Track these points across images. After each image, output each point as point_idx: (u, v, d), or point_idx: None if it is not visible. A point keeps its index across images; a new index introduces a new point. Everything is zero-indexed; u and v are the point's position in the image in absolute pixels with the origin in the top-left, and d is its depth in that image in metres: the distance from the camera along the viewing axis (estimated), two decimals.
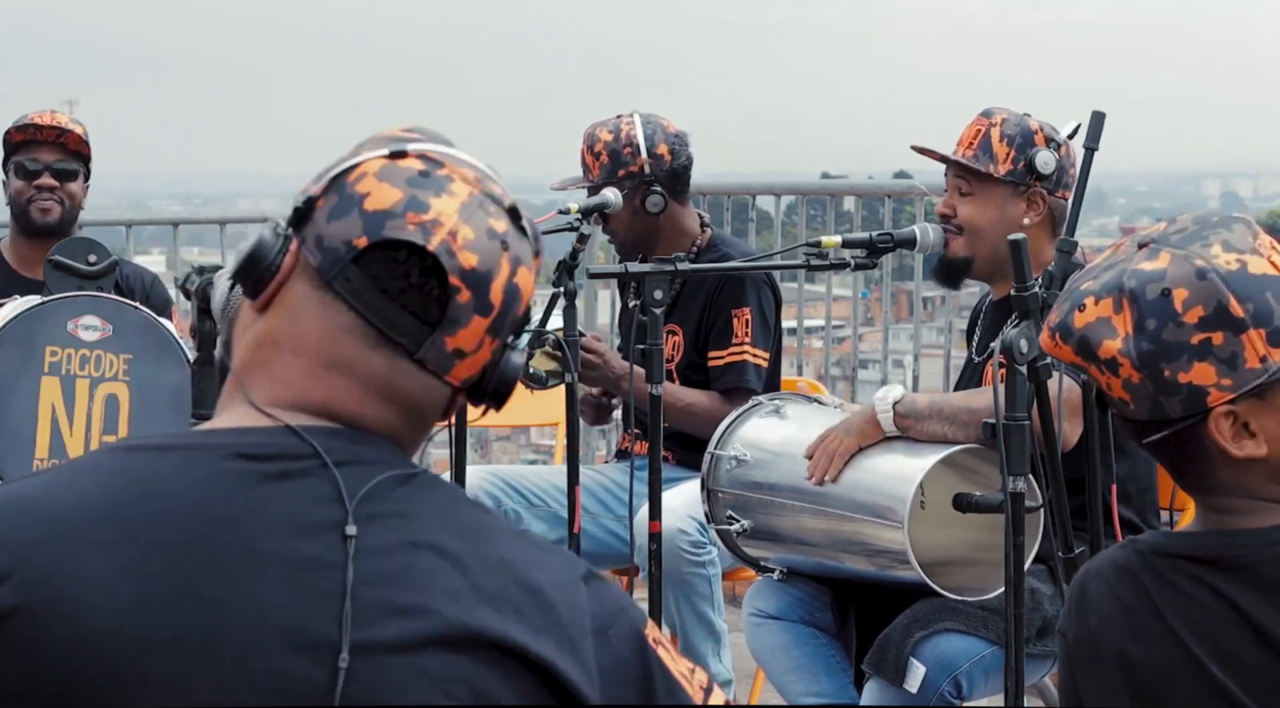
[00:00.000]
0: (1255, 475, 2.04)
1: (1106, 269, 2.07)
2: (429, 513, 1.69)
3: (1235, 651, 2.00)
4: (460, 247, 1.71)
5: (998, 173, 3.99)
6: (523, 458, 26.70)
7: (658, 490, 3.98)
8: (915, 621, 3.76)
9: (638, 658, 1.70)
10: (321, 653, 1.59)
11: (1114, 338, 2.02)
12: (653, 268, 3.94)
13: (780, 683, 4.15)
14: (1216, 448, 2.03)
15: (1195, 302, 2.00)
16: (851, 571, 3.93)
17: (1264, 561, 2.01)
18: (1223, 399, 2.00)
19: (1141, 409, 2.04)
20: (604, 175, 4.81)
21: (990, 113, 4.07)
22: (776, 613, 4.11)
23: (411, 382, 1.74)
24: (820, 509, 3.84)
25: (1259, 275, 2.01)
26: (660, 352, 3.94)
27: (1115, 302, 2.03)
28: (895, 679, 3.73)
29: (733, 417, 4.13)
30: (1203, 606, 2.03)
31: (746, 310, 4.80)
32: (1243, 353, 1.99)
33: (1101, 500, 3.32)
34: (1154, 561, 2.08)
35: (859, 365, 7.99)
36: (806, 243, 4.10)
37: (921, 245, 4.00)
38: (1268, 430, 2.02)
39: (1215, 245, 2.02)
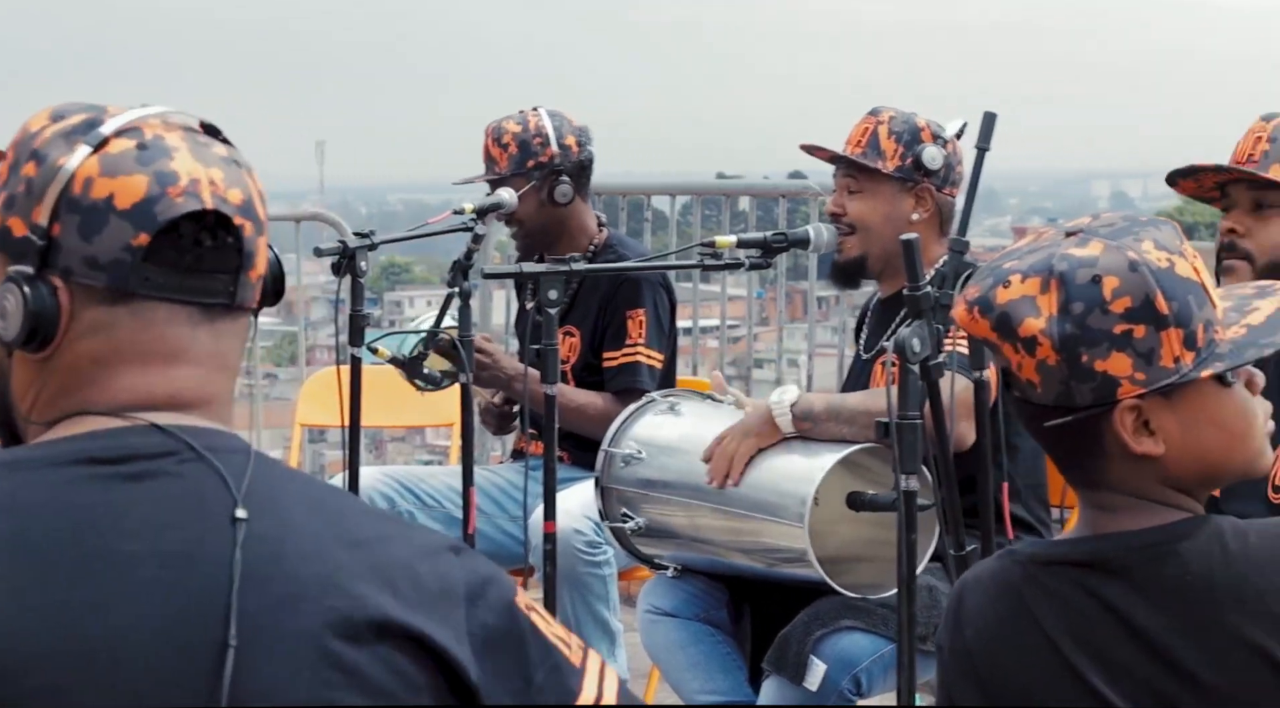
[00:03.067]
0: (1146, 475, 2.05)
1: (1032, 251, 2.06)
2: (290, 497, 1.68)
3: (1115, 656, 2.01)
4: (224, 190, 1.70)
5: (886, 169, 4.03)
6: (418, 459, 26.67)
7: (552, 491, 3.98)
8: (815, 619, 3.78)
9: (510, 623, 1.69)
10: (203, 649, 1.58)
11: (1037, 317, 2.02)
12: (548, 268, 3.94)
13: (675, 681, 4.15)
14: (1115, 442, 2.03)
15: (1125, 292, 2.00)
16: (748, 568, 3.95)
17: (1140, 561, 2.02)
18: (1133, 393, 2.01)
19: (1049, 393, 2.04)
20: (512, 166, 4.82)
21: (878, 111, 4.11)
22: (672, 610, 4.11)
23: (232, 336, 1.74)
24: (718, 507, 3.85)
25: (1184, 278, 2.02)
26: (555, 352, 3.94)
27: (1043, 281, 2.02)
28: (795, 677, 3.74)
29: (627, 413, 4.14)
30: (1080, 611, 2.04)
31: (641, 312, 4.81)
32: (1160, 350, 2.00)
33: (993, 499, 3.35)
34: (1032, 569, 2.09)
35: (754, 365, 8.00)
36: (701, 243, 4.12)
37: (815, 245, 4.02)
38: (1167, 431, 2.03)
39: (1147, 241, 2.03)
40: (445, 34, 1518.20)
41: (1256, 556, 1.98)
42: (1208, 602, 1.98)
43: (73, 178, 1.67)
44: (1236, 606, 1.97)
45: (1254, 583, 1.97)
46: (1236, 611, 1.97)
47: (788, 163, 23.18)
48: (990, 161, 3.50)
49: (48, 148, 1.70)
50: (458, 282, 4.30)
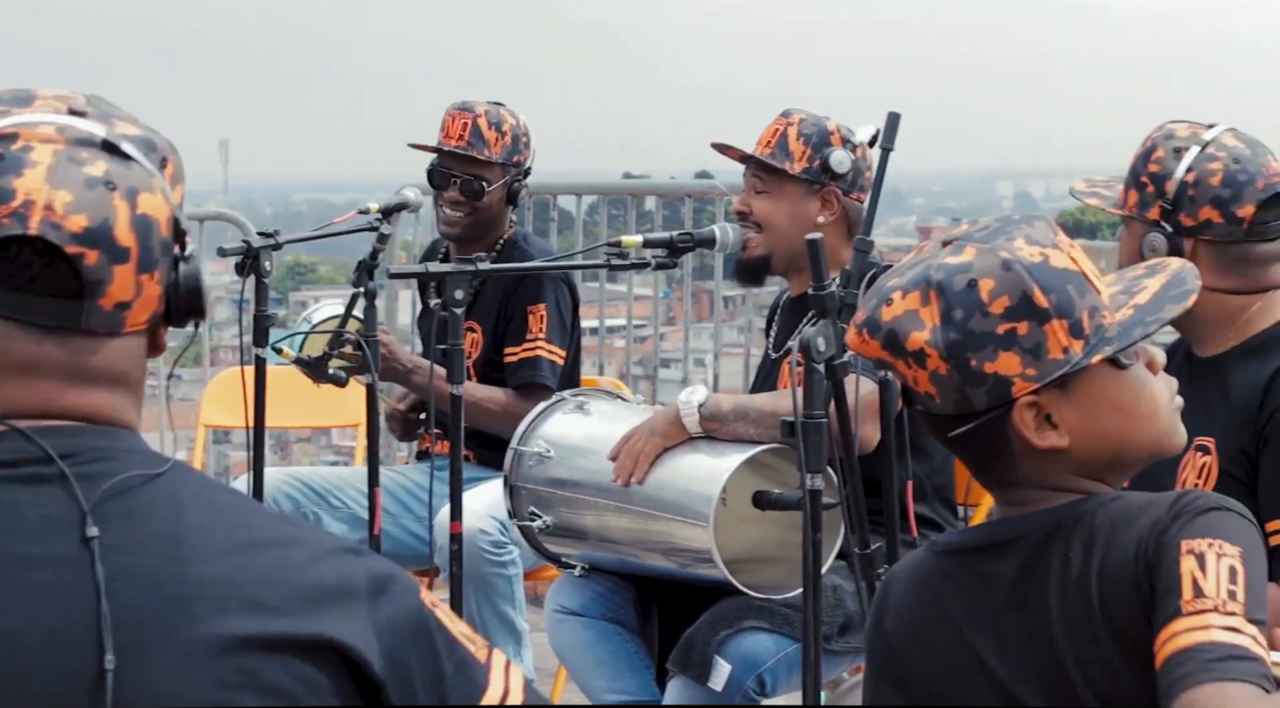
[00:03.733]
0: (1056, 467, 2.06)
1: (912, 266, 2.09)
2: (182, 503, 1.66)
3: (1010, 638, 2.04)
4: (63, 215, 1.64)
5: (793, 170, 4.05)
6: (323, 460, 26.49)
7: (458, 491, 3.97)
8: (720, 619, 3.79)
9: (414, 619, 1.68)
10: (85, 656, 1.57)
11: (921, 330, 2.04)
12: (454, 268, 3.94)
13: (582, 680, 4.15)
14: (1020, 440, 2.05)
15: (1001, 291, 2.02)
16: (655, 568, 3.95)
17: (1030, 541, 2.04)
18: (1027, 389, 2.02)
19: (948, 402, 2.06)
20: (504, 155, 4.90)
21: (789, 113, 4.13)
22: (579, 610, 4.11)
23: (99, 354, 1.69)
24: (625, 507, 3.85)
25: (1060, 269, 2.04)
26: (461, 352, 3.94)
27: (922, 294, 2.04)
28: (700, 678, 3.75)
29: (536, 412, 4.13)
30: (980, 596, 2.07)
31: (542, 307, 4.83)
32: (1046, 343, 2.02)
33: (898, 498, 3.36)
34: (943, 559, 2.12)
35: (660, 364, 8.02)
36: (608, 242, 4.12)
37: (721, 245, 4.03)
38: (1069, 422, 2.04)
39: (1019, 239, 2.05)
40: (352, 32, 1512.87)
41: (1118, 524, 1.99)
42: (1083, 577, 1.99)
43: None
44: (1106, 578, 1.98)
45: (1115, 552, 1.98)
46: (1100, 585, 1.98)
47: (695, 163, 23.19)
48: (895, 162, 3.52)
49: None
50: (363, 281, 4.29)
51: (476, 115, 4.90)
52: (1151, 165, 3.24)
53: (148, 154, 1.72)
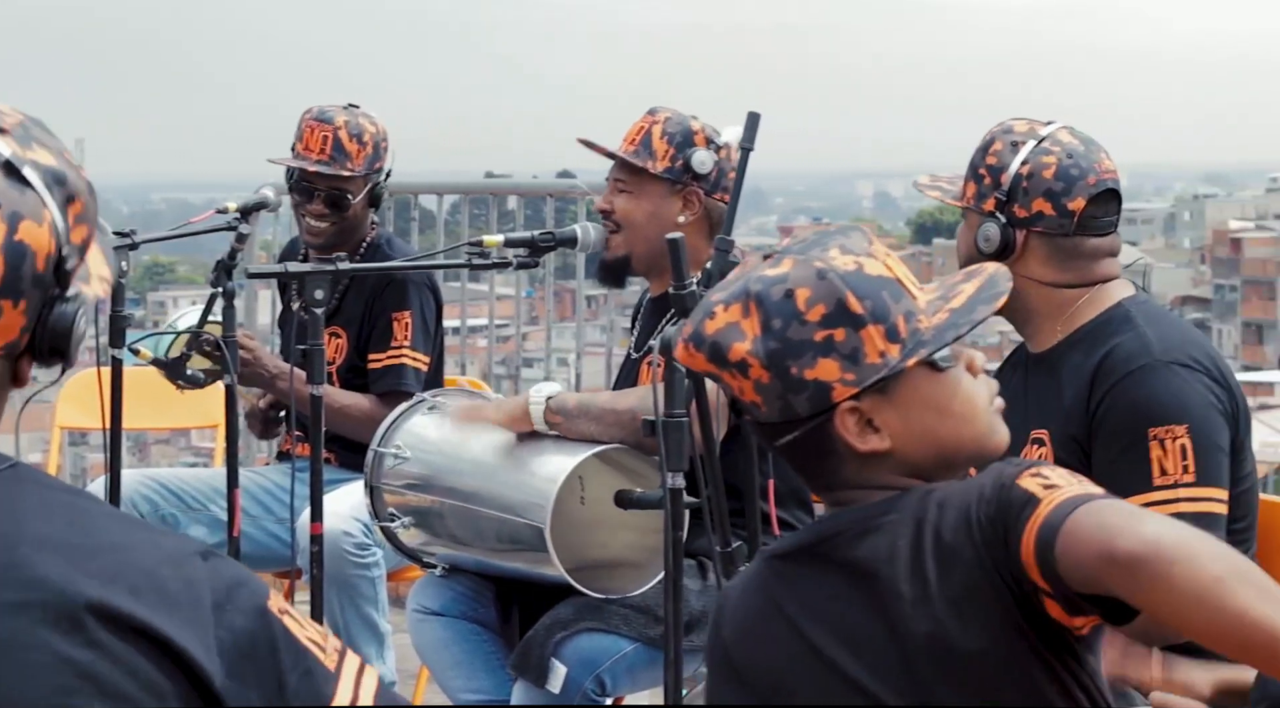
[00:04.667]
0: (881, 469, 2.11)
1: (734, 281, 2.14)
2: (26, 507, 1.65)
3: (852, 632, 2.06)
4: None
5: (655, 169, 4.05)
6: (182, 461, 26.31)
7: (319, 492, 3.95)
8: (556, 622, 3.80)
9: (261, 629, 1.67)
10: None
11: (743, 340, 2.09)
12: (313, 268, 3.92)
13: (442, 680, 4.15)
14: (844, 444, 2.10)
15: (817, 300, 2.07)
16: (506, 568, 3.96)
17: (858, 533, 2.08)
18: (847, 394, 2.08)
19: (772, 411, 2.11)
20: (366, 165, 4.84)
21: (655, 111, 4.13)
22: (440, 609, 4.10)
23: None
24: (474, 508, 3.86)
25: (875, 276, 2.10)
26: (321, 352, 3.91)
27: (743, 306, 2.10)
28: (538, 680, 3.76)
29: (396, 413, 4.12)
30: (815, 593, 2.10)
31: (407, 314, 4.80)
32: (864, 348, 2.07)
33: (758, 498, 3.38)
34: (775, 563, 2.16)
35: (523, 364, 8.00)
36: (469, 242, 4.12)
37: (583, 244, 4.03)
38: (891, 425, 2.10)
39: (833, 249, 2.11)
40: (212, 28, 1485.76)
41: (944, 504, 2.04)
42: (916, 559, 2.03)
43: None
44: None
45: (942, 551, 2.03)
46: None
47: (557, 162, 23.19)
48: (757, 162, 3.53)
49: None
50: (222, 281, 4.25)
51: (336, 128, 4.80)
52: (989, 158, 3.34)
53: (52, 186, 1.70)
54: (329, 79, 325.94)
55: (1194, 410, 3.18)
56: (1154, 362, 3.19)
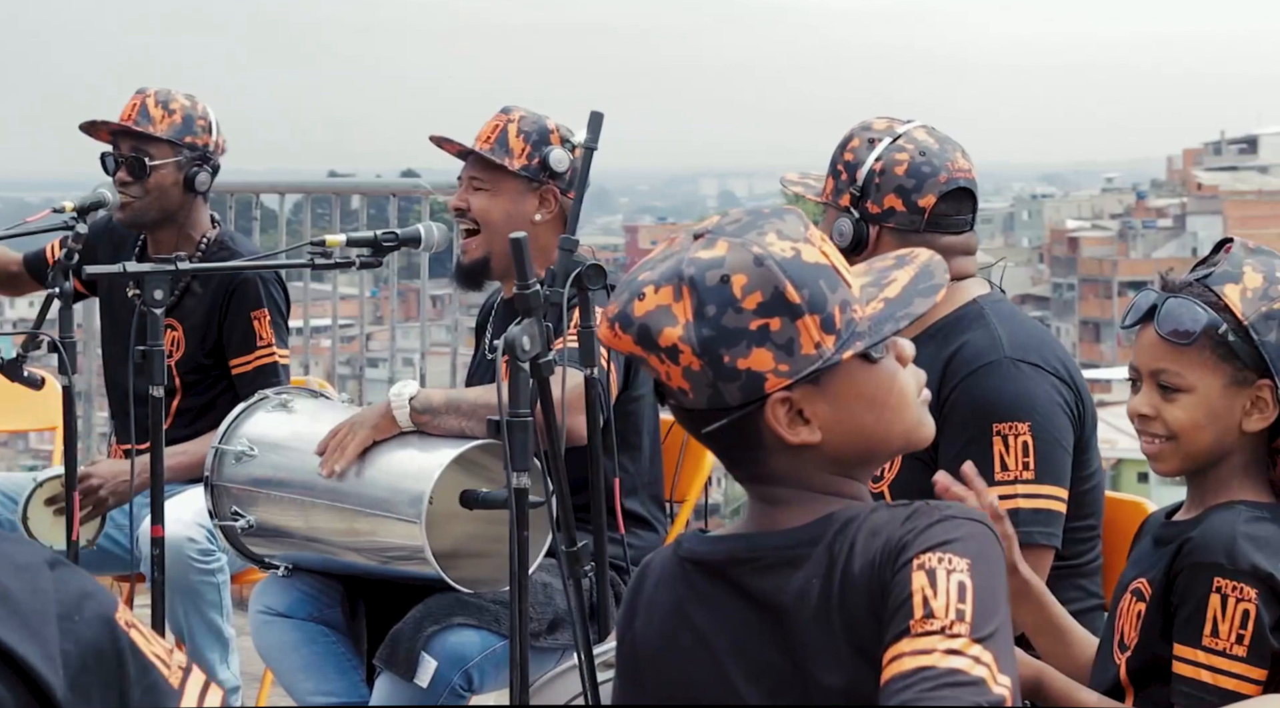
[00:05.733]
0: (809, 463, 2.04)
1: (663, 260, 2.05)
2: None
3: (756, 659, 2.02)
4: None
5: (512, 166, 4.05)
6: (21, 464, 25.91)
7: (160, 494, 3.90)
8: (428, 615, 3.78)
9: (107, 642, 1.65)
10: None
11: (674, 325, 2.01)
12: (153, 268, 3.87)
13: (288, 682, 4.11)
14: (772, 435, 2.02)
15: (754, 287, 1.99)
16: (359, 566, 3.93)
17: (781, 560, 2.02)
18: (780, 385, 2.00)
19: (701, 398, 2.03)
20: (172, 133, 4.75)
21: (509, 110, 4.13)
22: (285, 611, 4.06)
23: None
24: (333, 505, 3.82)
25: (812, 264, 2.02)
26: (161, 353, 3.86)
27: (675, 289, 2.01)
28: (406, 674, 3.73)
29: (238, 411, 4.08)
30: (730, 617, 2.04)
31: (265, 312, 4.74)
32: (799, 339, 2.00)
33: (604, 494, 3.39)
34: (690, 569, 2.09)
35: (368, 364, 7.97)
36: (312, 242, 4.09)
37: (426, 244, 4.02)
38: (821, 417, 2.02)
39: (770, 234, 2.02)
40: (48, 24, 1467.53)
41: (858, 543, 1.98)
42: (825, 599, 1.98)
43: None
44: (843, 609, 1.97)
45: (858, 588, 1.97)
46: (843, 613, 1.97)
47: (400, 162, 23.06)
48: (600, 161, 3.54)
49: None
50: (59, 282, 4.19)
51: (146, 96, 4.79)
52: (846, 154, 3.38)
53: None
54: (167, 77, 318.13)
55: (1038, 409, 3.23)
56: (1002, 359, 3.24)
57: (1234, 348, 2.70)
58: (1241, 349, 2.70)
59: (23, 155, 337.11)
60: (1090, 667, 2.82)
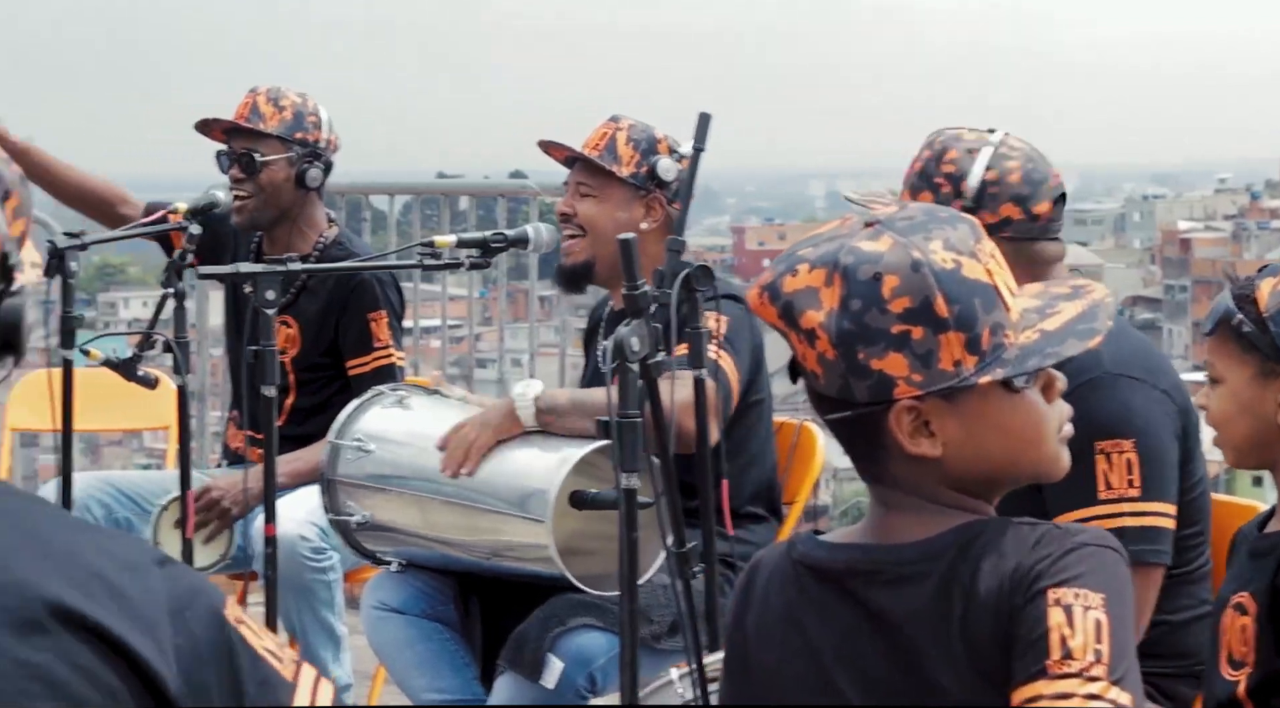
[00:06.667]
0: (926, 475, 2.01)
1: (829, 240, 2.02)
2: None
3: (868, 670, 1.99)
4: None
5: (621, 173, 4.05)
6: (136, 463, 26.16)
7: (272, 492, 3.93)
8: (552, 616, 3.78)
9: (218, 637, 1.66)
10: None
11: (818, 310, 1.98)
12: (265, 268, 3.90)
13: (402, 679, 4.12)
14: (893, 440, 1.99)
15: (903, 292, 1.95)
16: (475, 564, 3.93)
17: (903, 575, 1.99)
18: (909, 394, 1.96)
19: (830, 386, 2.00)
20: (282, 129, 4.78)
21: (618, 118, 4.14)
22: (399, 607, 4.08)
23: None
24: (452, 502, 3.83)
25: (971, 280, 1.97)
26: (273, 353, 3.90)
27: (828, 274, 1.98)
28: (532, 675, 3.74)
29: (353, 406, 4.09)
30: (845, 629, 2.01)
31: (383, 314, 4.77)
32: (938, 353, 1.95)
33: (713, 496, 3.38)
34: (803, 573, 2.06)
35: (477, 364, 8.00)
36: (421, 242, 4.11)
37: (535, 245, 4.03)
38: (948, 434, 1.98)
39: (936, 241, 1.98)
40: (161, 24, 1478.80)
41: (984, 564, 1.95)
42: (947, 623, 1.94)
43: None
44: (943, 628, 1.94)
45: (976, 606, 1.94)
46: (940, 635, 1.94)
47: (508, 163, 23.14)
48: (708, 162, 3.54)
49: None
50: (172, 282, 4.23)
51: (257, 94, 4.83)
52: (945, 166, 3.29)
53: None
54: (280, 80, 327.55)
55: (1142, 424, 3.17)
56: (1104, 374, 3.17)
57: (1252, 339, 2.69)
58: (1260, 340, 2.69)
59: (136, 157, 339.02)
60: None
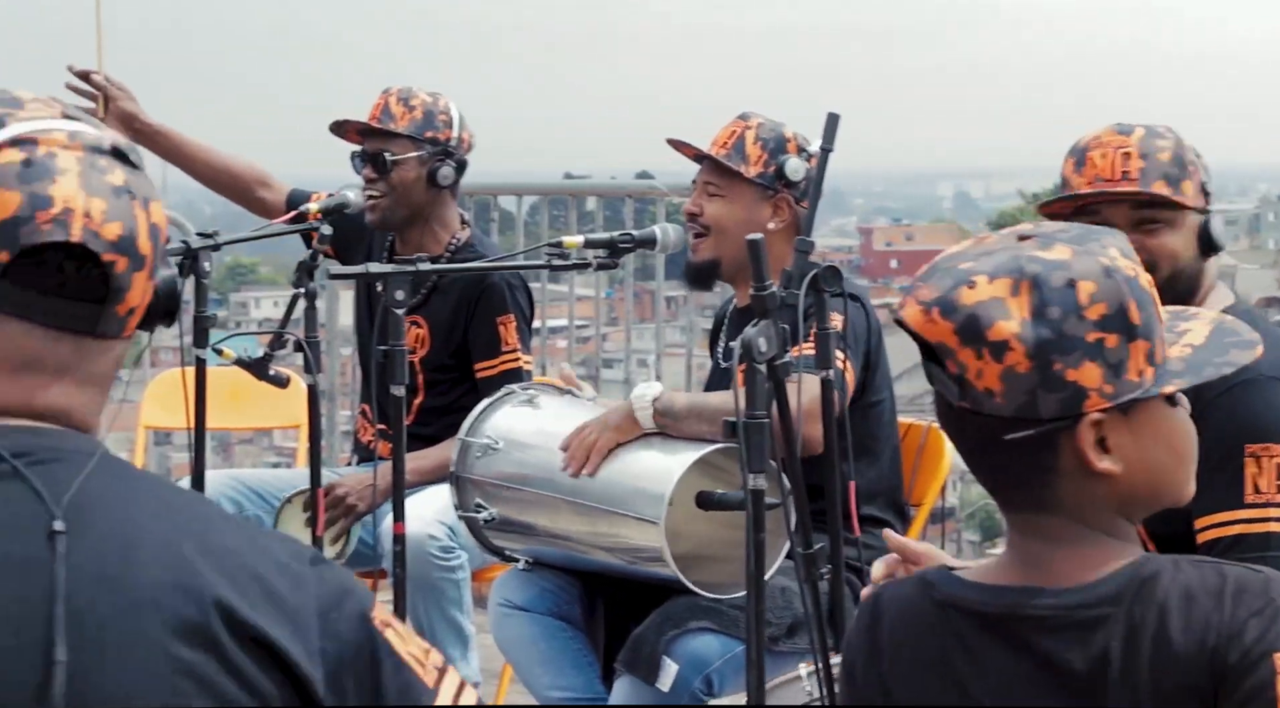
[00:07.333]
0: (1097, 496, 1.94)
1: (986, 254, 1.94)
2: (142, 502, 1.66)
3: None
4: (100, 224, 1.67)
5: (748, 173, 4.04)
6: (265, 461, 26.43)
7: (400, 490, 3.96)
8: (668, 619, 3.78)
9: (364, 640, 1.67)
10: (35, 657, 1.55)
11: (1009, 320, 1.89)
12: (394, 269, 3.92)
13: (527, 676, 4.15)
14: (1073, 458, 1.92)
15: (1101, 298, 1.90)
16: (603, 564, 3.95)
17: (1057, 628, 1.92)
18: (1099, 406, 1.90)
19: (1011, 404, 1.91)
20: (412, 128, 4.81)
21: (747, 116, 4.12)
22: (525, 605, 4.10)
23: (99, 356, 1.72)
24: (575, 502, 3.85)
25: (1146, 290, 1.94)
26: (403, 353, 3.92)
27: (1014, 284, 1.90)
28: (648, 677, 3.75)
29: (484, 405, 4.12)
30: (1002, 669, 1.94)
31: (510, 317, 4.79)
32: (1128, 363, 1.91)
33: (840, 498, 3.37)
34: (954, 617, 1.98)
35: (603, 365, 8.01)
36: (549, 243, 4.12)
37: (662, 246, 4.03)
38: (1123, 449, 1.93)
39: (1113, 249, 1.94)
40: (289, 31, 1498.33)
41: (1169, 610, 1.89)
42: (1131, 672, 1.88)
43: None
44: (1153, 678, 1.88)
45: (1168, 654, 1.88)
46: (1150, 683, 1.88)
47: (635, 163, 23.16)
48: (835, 162, 3.53)
49: None
50: (303, 282, 4.27)
51: (389, 95, 4.87)
52: (1189, 154, 3.22)
53: (139, 159, 1.74)
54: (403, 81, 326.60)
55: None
56: (1259, 377, 3.08)
57: None
58: None
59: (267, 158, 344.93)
60: None
